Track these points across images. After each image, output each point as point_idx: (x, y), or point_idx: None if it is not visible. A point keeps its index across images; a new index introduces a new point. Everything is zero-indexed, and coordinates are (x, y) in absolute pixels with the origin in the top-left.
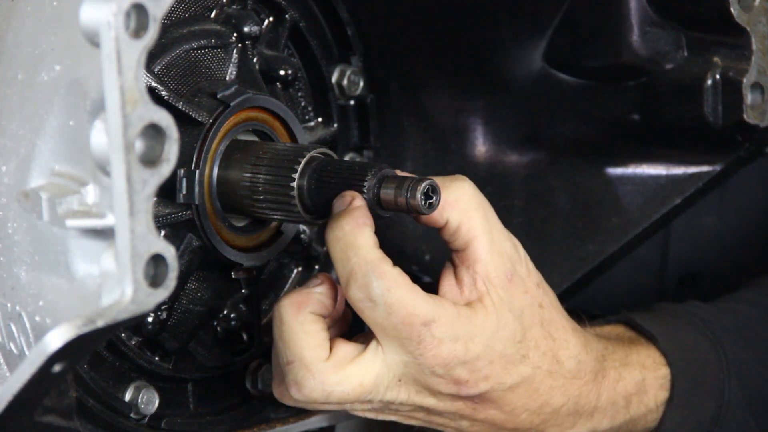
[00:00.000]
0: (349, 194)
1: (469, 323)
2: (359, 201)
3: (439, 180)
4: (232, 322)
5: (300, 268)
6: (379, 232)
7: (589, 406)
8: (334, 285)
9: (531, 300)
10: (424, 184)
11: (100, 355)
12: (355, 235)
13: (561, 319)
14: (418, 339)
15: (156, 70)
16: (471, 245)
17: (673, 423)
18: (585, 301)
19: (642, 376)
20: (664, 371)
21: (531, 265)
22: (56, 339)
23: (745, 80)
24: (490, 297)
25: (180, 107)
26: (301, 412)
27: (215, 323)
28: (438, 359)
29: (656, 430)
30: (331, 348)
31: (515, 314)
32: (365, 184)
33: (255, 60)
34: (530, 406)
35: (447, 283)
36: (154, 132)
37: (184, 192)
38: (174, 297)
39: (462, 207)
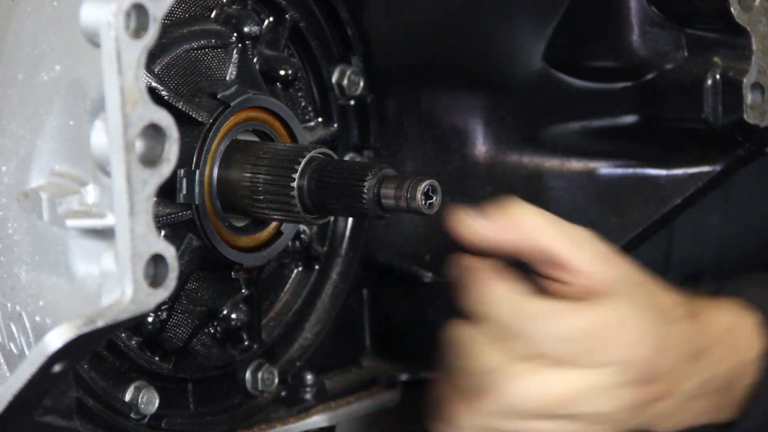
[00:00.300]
0: (462, 262)
1: (621, 306)
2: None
3: (495, 211)
4: (232, 322)
5: (300, 268)
6: (379, 232)
7: (701, 346)
8: None
9: (633, 274)
10: (424, 184)
11: (100, 355)
12: (493, 293)
13: (649, 276)
14: (596, 346)
15: (156, 70)
16: (553, 251)
17: None
18: None
19: (733, 317)
20: (755, 317)
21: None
22: (56, 339)
23: (745, 80)
24: (605, 285)
25: (180, 107)
26: (301, 412)
27: (215, 323)
28: (615, 350)
29: (755, 389)
30: None
31: (633, 288)
32: (365, 184)
33: (255, 60)
34: (667, 365)
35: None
36: (154, 132)
37: (184, 192)
38: (174, 297)
39: (529, 223)
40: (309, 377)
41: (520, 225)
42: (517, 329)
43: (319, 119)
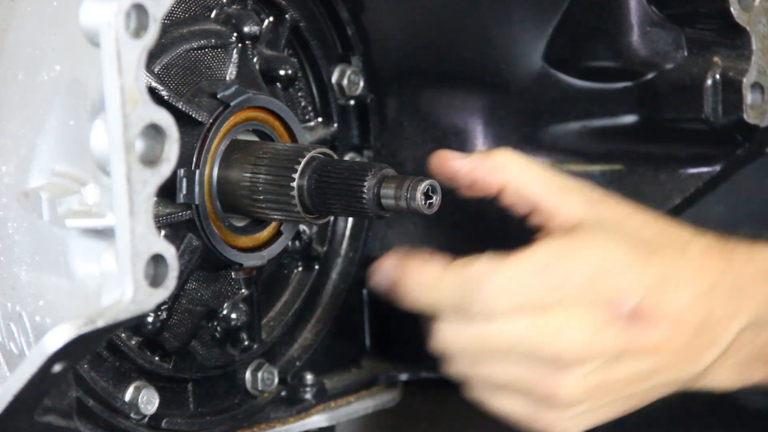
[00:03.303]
0: (375, 269)
1: (583, 242)
2: (389, 261)
3: (481, 154)
4: (232, 322)
5: (300, 268)
6: (379, 232)
7: (737, 284)
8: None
9: (621, 212)
10: (424, 184)
11: (100, 355)
12: (425, 279)
13: (659, 218)
14: (551, 285)
15: (156, 70)
16: (539, 199)
17: None
18: None
19: None
20: None
21: (604, 192)
22: (56, 339)
23: (745, 80)
24: (585, 223)
25: (180, 107)
26: (301, 412)
27: (215, 323)
28: (579, 286)
29: None
30: None
31: (616, 225)
32: (365, 184)
33: (255, 60)
34: (685, 301)
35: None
36: (154, 132)
37: (184, 192)
38: (174, 297)
39: (513, 167)
40: (309, 377)
41: (505, 170)
42: (465, 299)
43: (319, 119)
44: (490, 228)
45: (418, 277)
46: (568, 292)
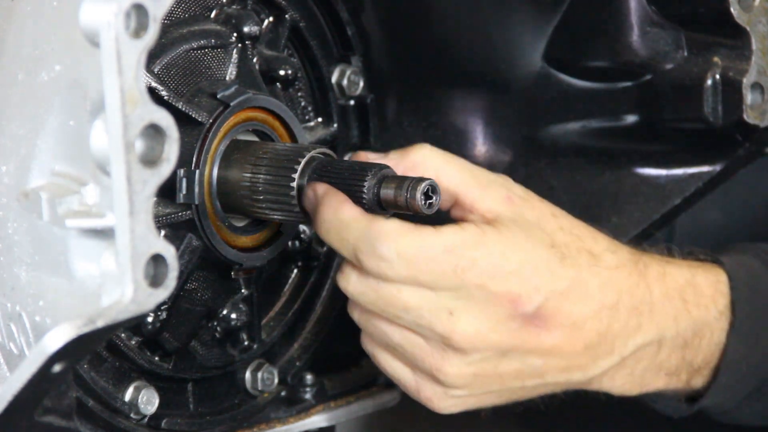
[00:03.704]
0: (310, 189)
1: (496, 234)
2: (321, 187)
3: (397, 152)
4: (232, 322)
5: (300, 268)
6: None
7: (645, 300)
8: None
9: (540, 212)
10: (424, 184)
11: (100, 355)
12: (337, 217)
13: (579, 222)
14: (452, 268)
15: (156, 70)
16: (459, 192)
17: (737, 354)
18: None
19: (691, 273)
20: (720, 276)
21: (527, 189)
22: (56, 339)
23: (745, 80)
24: (502, 217)
25: (180, 107)
26: (301, 412)
27: (215, 323)
28: (482, 275)
29: (720, 358)
30: None
31: (534, 224)
32: (365, 184)
33: (255, 60)
34: (589, 312)
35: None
36: (154, 132)
37: (184, 192)
38: (174, 297)
39: (432, 163)
40: (309, 377)
41: (426, 164)
42: (362, 253)
43: (319, 119)
44: None
45: (330, 214)
46: (472, 279)
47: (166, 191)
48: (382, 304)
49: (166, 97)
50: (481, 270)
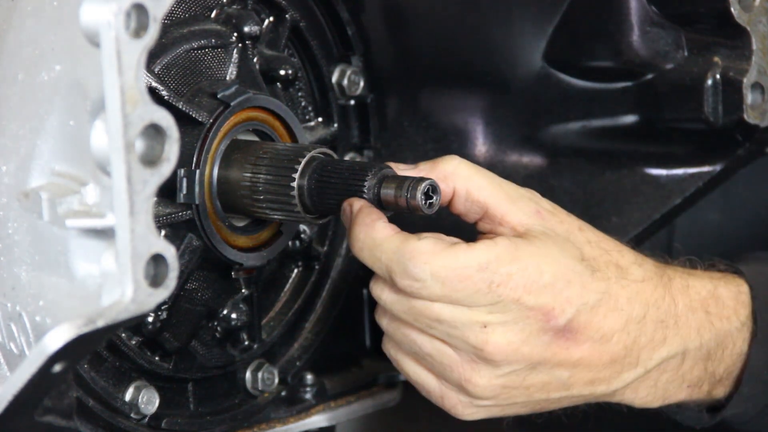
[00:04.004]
0: (347, 204)
1: (529, 247)
2: (357, 203)
3: (427, 163)
4: (232, 322)
5: (300, 268)
6: None
7: (670, 313)
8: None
9: (569, 225)
10: (424, 184)
11: (100, 355)
12: (369, 236)
13: (605, 236)
14: (487, 285)
15: (156, 70)
16: (489, 204)
17: (759, 363)
18: None
19: (713, 284)
20: (741, 287)
21: (553, 204)
22: (56, 339)
23: (745, 80)
24: (534, 230)
25: (180, 107)
26: (301, 412)
27: (215, 323)
28: (517, 289)
29: (742, 369)
30: None
31: (564, 238)
32: (365, 184)
33: (255, 60)
34: (617, 325)
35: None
36: (154, 132)
37: (184, 192)
38: (174, 297)
39: (462, 174)
40: (309, 377)
41: (455, 177)
42: (396, 272)
43: (319, 119)
44: None
45: (363, 233)
46: (507, 293)
47: (167, 191)
48: (414, 315)
49: (166, 97)
50: (516, 284)
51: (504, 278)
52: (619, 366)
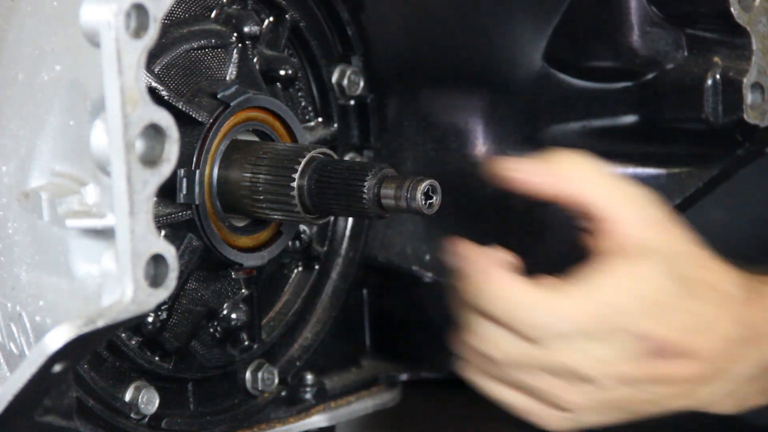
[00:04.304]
0: (451, 246)
1: (634, 271)
2: (463, 248)
3: (543, 160)
4: (232, 322)
5: (300, 268)
6: (379, 232)
7: (763, 332)
8: None
9: (679, 241)
10: (424, 184)
11: (100, 355)
12: (487, 287)
13: (705, 252)
14: (601, 320)
15: (156, 70)
16: (602, 210)
17: None
18: None
19: None
20: None
21: (664, 211)
22: (56, 339)
23: (745, 80)
24: (641, 247)
25: (180, 107)
26: (301, 412)
27: (215, 323)
28: (623, 318)
29: None
30: None
31: (670, 256)
32: (365, 184)
33: (255, 60)
34: (713, 347)
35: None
36: (154, 132)
37: (184, 192)
38: (174, 297)
39: (578, 175)
40: (309, 377)
41: (566, 173)
42: (514, 321)
43: (319, 119)
44: (489, 227)
45: (483, 282)
46: (615, 323)
47: (166, 191)
48: (530, 364)
49: (166, 97)
50: (623, 313)
51: (613, 310)
52: (711, 384)
